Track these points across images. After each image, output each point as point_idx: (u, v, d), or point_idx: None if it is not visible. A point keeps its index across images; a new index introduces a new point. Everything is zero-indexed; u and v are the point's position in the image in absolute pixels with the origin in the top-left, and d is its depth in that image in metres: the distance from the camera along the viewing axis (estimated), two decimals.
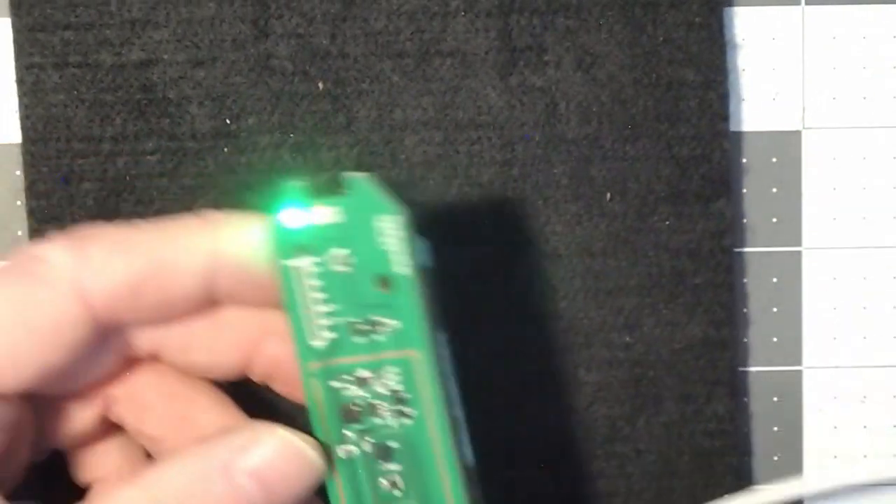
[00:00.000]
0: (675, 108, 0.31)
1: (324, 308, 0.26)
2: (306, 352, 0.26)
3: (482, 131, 0.31)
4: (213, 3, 0.31)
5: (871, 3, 0.33)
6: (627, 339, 0.32)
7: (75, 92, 0.31)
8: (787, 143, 0.33)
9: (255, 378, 0.29)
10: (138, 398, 0.28)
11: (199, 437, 0.26)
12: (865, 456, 0.33)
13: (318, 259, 0.26)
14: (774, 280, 0.33)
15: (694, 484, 0.32)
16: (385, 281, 0.26)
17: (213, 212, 0.27)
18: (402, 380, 0.26)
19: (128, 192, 0.31)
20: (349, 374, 0.26)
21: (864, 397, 0.33)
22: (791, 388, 0.33)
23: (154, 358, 0.28)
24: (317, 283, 0.26)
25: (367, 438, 0.26)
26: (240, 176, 0.31)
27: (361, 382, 0.26)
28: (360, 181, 0.26)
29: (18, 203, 0.32)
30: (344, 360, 0.26)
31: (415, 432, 0.26)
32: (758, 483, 0.33)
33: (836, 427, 0.33)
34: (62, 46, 0.31)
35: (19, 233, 0.32)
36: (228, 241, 0.26)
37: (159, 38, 0.31)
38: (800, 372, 0.33)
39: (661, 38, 0.31)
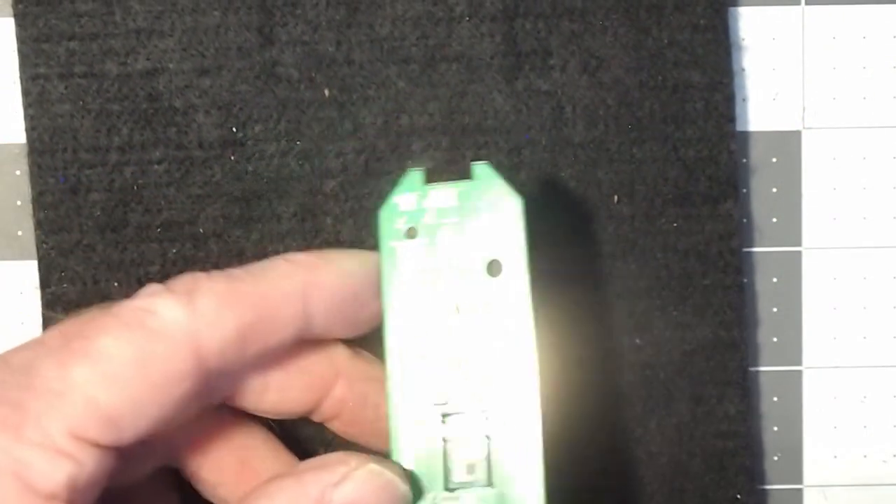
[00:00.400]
0: (681, 111, 0.32)
1: (424, 290, 0.27)
2: (398, 332, 0.27)
3: (489, 136, 0.31)
4: (217, 11, 0.31)
5: (871, 3, 0.33)
6: (637, 341, 0.32)
7: (81, 102, 0.31)
8: (787, 143, 0.33)
9: (316, 417, 0.29)
10: (200, 445, 0.29)
11: (263, 481, 0.26)
12: (865, 455, 0.33)
13: (426, 241, 0.27)
14: (774, 280, 0.33)
15: (706, 485, 0.32)
16: (495, 265, 0.27)
17: (297, 254, 0.28)
18: (501, 363, 0.26)
19: (135, 202, 0.31)
20: (443, 354, 0.27)
21: (864, 397, 0.33)
22: (791, 388, 0.33)
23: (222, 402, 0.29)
24: (421, 264, 0.27)
25: (453, 422, 0.27)
26: (247, 184, 0.31)
27: (454, 363, 0.27)
28: (481, 167, 0.27)
29: (18, 203, 0.32)
30: (439, 341, 0.27)
31: (504, 415, 0.26)
32: (760, 483, 0.33)
33: (836, 427, 0.33)
34: (67, 57, 0.31)
35: (19, 233, 0.32)
36: (320, 282, 0.27)
37: (164, 48, 0.31)
38: (800, 372, 0.33)
39: (667, 41, 0.31)
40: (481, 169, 0.27)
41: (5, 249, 0.32)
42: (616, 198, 0.32)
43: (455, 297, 0.27)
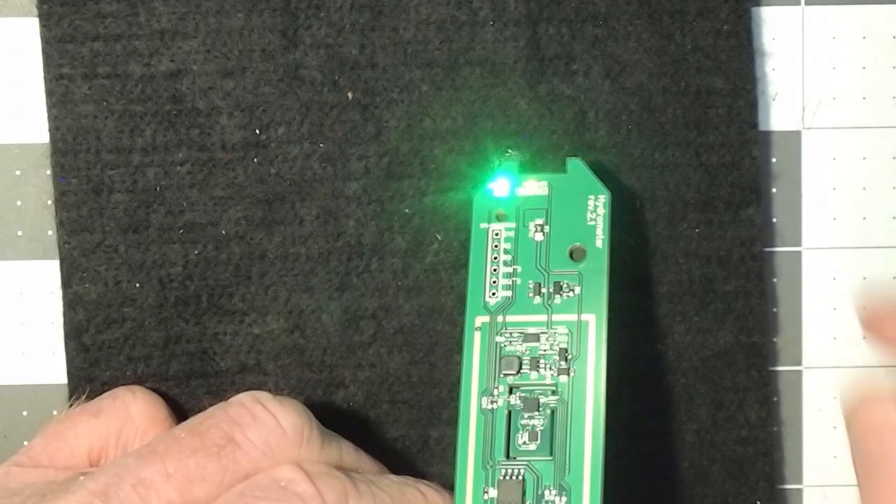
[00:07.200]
0: (703, 116, 0.32)
1: (507, 269, 0.29)
2: (478, 307, 0.29)
3: (511, 140, 0.31)
4: (241, 13, 0.31)
5: (871, 3, 0.33)
6: (659, 346, 0.32)
7: (105, 103, 0.31)
8: (787, 143, 0.33)
9: None
10: None
11: None
12: None
13: (515, 225, 0.29)
14: (774, 280, 0.33)
15: (726, 492, 0.32)
16: (578, 251, 0.29)
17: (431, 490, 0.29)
18: (571, 340, 0.28)
19: (158, 203, 0.31)
20: (518, 329, 0.29)
21: None
22: (791, 388, 0.33)
23: None
24: (508, 246, 0.29)
25: (518, 391, 0.28)
26: (270, 186, 0.31)
27: (528, 338, 0.29)
28: (574, 162, 0.30)
29: (19, 203, 0.32)
30: (516, 318, 0.29)
31: (571, 390, 0.28)
32: None
33: (835, 427, 0.33)
34: (91, 57, 0.31)
35: (19, 233, 0.32)
36: None
37: (188, 49, 0.31)
38: (800, 372, 0.33)
39: (690, 47, 0.31)
40: (574, 164, 0.30)
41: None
42: (638, 203, 0.32)
43: (535, 276, 0.29)
